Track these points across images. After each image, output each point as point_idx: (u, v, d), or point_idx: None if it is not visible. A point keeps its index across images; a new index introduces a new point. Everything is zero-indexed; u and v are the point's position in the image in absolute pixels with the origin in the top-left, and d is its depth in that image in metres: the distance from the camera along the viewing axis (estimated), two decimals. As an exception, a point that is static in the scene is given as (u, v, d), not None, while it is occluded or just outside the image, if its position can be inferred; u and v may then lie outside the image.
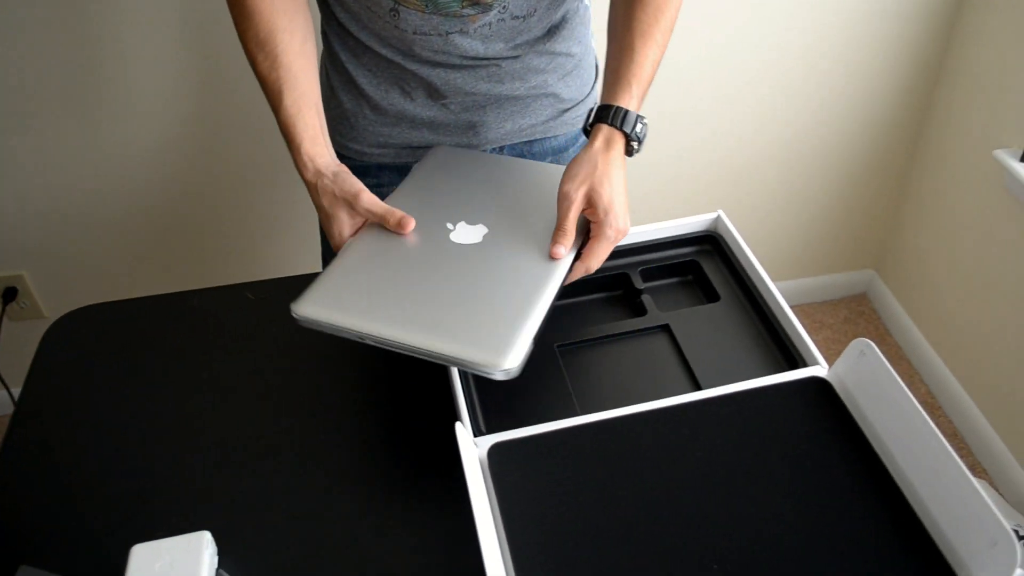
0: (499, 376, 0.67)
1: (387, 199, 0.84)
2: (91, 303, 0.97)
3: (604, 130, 0.81)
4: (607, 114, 0.81)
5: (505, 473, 0.69)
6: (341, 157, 1.03)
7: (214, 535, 0.69)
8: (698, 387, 0.79)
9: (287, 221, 1.71)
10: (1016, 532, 1.66)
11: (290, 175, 1.62)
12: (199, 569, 0.63)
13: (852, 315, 2.13)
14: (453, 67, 0.94)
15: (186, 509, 0.75)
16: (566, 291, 0.89)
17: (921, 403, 1.90)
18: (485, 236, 0.79)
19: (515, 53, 0.95)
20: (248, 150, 1.58)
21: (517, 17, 0.91)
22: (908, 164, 1.94)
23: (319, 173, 0.81)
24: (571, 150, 1.08)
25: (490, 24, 0.90)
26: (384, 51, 0.94)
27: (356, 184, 0.80)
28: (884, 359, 0.70)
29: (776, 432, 0.71)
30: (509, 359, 0.67)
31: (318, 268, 1.21)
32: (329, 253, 1.17)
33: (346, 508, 0.75)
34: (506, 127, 1.01)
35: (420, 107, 0.98)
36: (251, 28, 0.83)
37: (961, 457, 1.77)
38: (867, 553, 0.63)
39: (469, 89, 0.96)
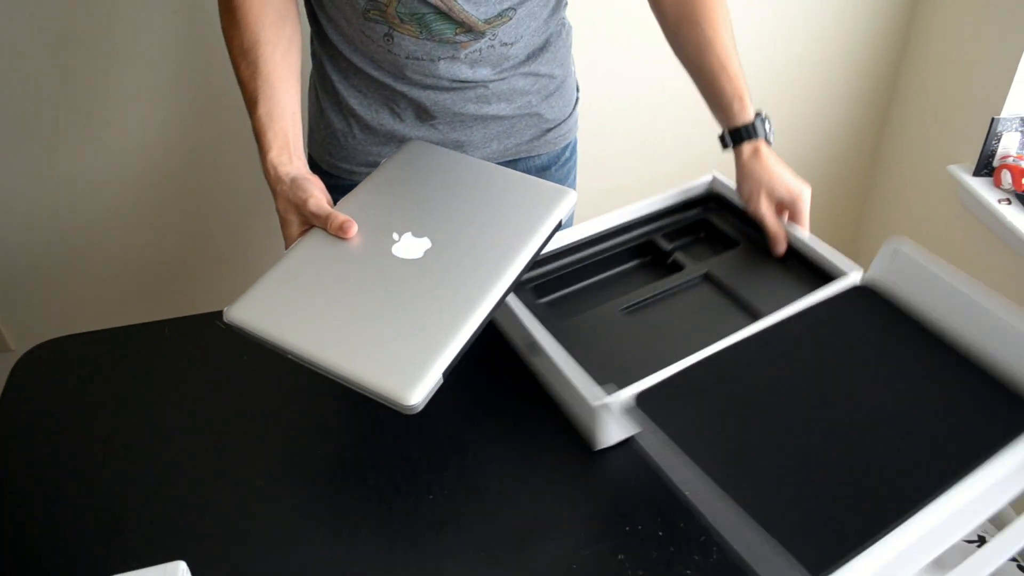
0: (403, 410, 0.66)
1: (344, 198, 0.83)
2: (60, 335, 0.96)
3: (746, 146, 0.96)
4: (742, 134, 0.96)
5: (663, 413, 0.74)
6: (330, 176, 1.06)
7: (190, 565, 0.69)
8: (759, 317, 0.85)
9: (256, 249, 1.71)
10: (982, 538, 1.67)
11: (262, 203, 1.63)
12: (175, 599, 0.64)
13: (817, 329, 2.17)
14: (442, 89, 0.97)
15: (162, 539, 0.75)
16: (601, 267, 0.97)
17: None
18: (427, 252, 0.77)
19: (501, 76, 0.99)
20: (219, 180, 1.58)
21: (505, 44, 0.95)
22: (866, 181, 1.99)
23: (279, 179, 0.82)
24: (552, 169, 1.12)
25: (480, 50, 0.94)
26: (375, 73, 0.96)
27: (309, 190, 0.80)
28: (916, 252, 0.79)
29: (845, 334, 0.81)
30: (413, 394, 0.65)
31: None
32: None
33: (322, 532, 0.75)
34: (492, 146, 1.05)
35: (409, 127, 1.01)
36: (237, 36, 0.85)
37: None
38: (962, 413, 0.72)
39: (457, 110, 0.99)
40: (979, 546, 1.51)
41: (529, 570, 0.72)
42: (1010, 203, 1.53)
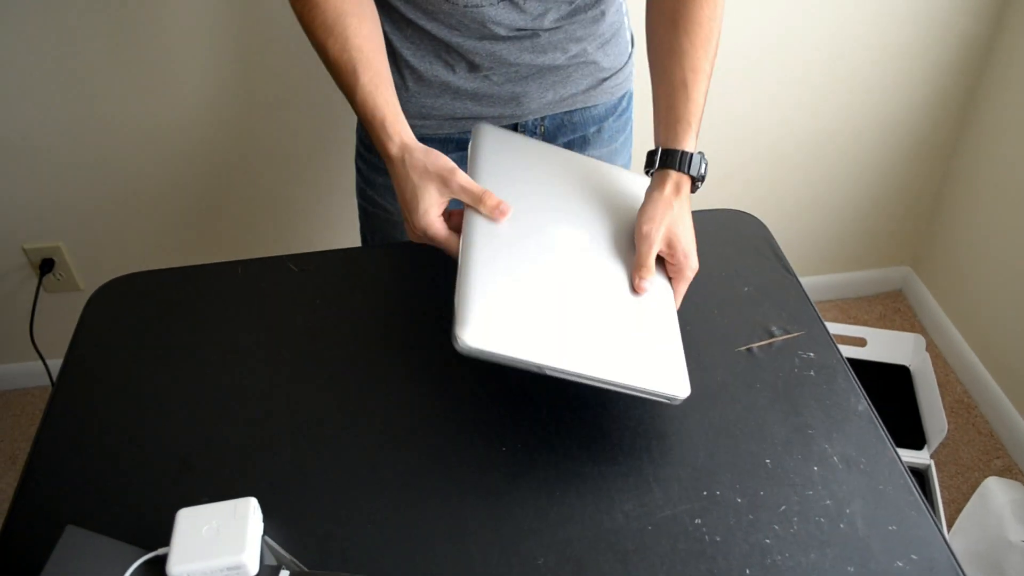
0: (673, 403, 0.74)
1: None
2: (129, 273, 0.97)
3: (672, 175, 0.83)
4: (673, 160, 0.83)
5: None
6: None
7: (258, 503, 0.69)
8: None
9: (325, 195, 1.71)
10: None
11: (328, 149, 1.62)
12: (245, 534, 0.63)
13: (888, 312, 2.10)
14: (496, 39, 0.95)
15: (230, 477, 0.74)
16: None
17: (956, 402, 1.88)
18: (591, 243, 0.80)
19: (556, 24, 0.96)
20: (289, 122, 1.58)
21: None
22: (949, 155, 1.91)
23: (406, 147, 0.79)
24: (610, 119, 1.10)
25: None
26: (428, 25, 0.94)
27: (450, 161, 0.79)
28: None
29: None
30: (685, 389, 0.74)
31: (355, 243, 1.21)
32: (369, 232, 1.17)
33: (389, 475, 0.74)
34: (547, 97, 1.02)
35: (462, 79, 0.98)
36: (319, 16, 0.83)
37: (996, 458, 1.74)
38: None
39: (512, 60, 0.97)
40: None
41: (603, 527, 0.70)
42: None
